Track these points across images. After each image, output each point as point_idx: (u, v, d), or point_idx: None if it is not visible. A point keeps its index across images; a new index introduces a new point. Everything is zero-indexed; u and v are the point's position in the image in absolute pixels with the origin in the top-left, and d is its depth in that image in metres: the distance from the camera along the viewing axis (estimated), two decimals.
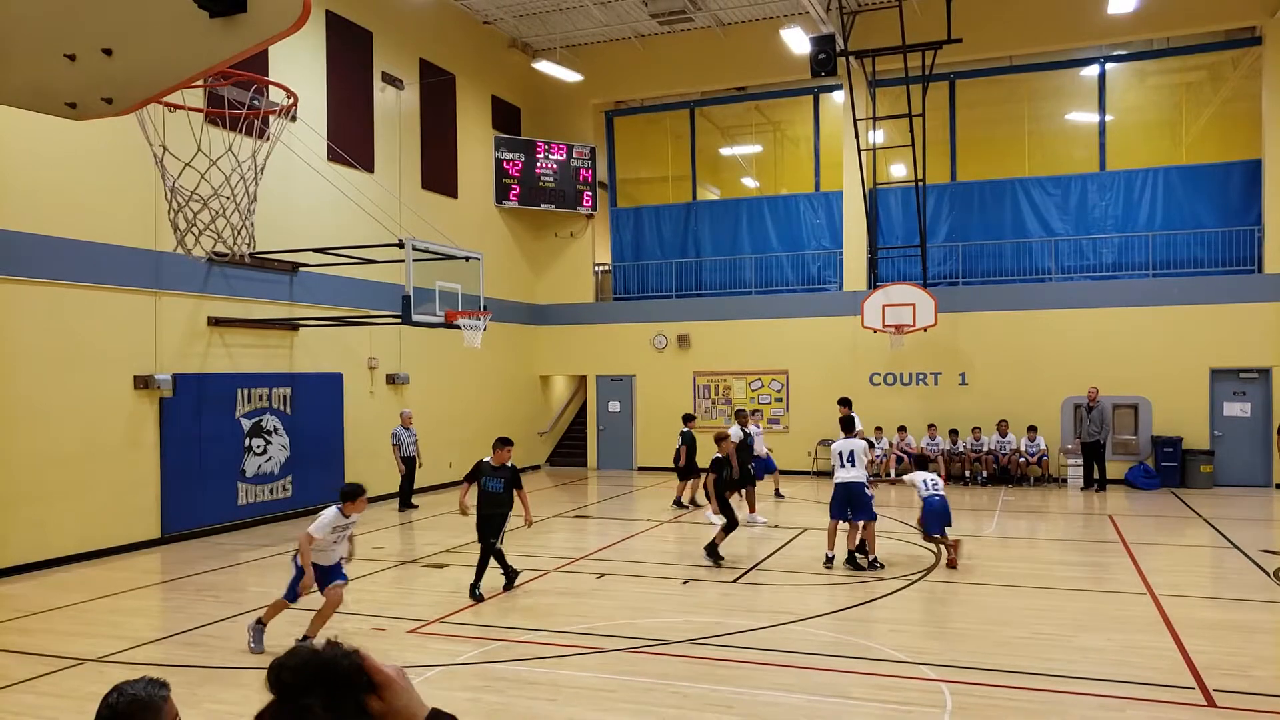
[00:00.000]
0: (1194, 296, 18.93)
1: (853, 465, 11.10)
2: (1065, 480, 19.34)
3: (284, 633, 8.26)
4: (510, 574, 10.29)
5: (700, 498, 16.20)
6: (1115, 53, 20.55)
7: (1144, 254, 19.91)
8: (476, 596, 9.79)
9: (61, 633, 8.80)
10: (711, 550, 11.59)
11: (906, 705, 6.60)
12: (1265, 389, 18.65)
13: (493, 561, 10.07)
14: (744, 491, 14.49)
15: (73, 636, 8.62)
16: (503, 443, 10.11)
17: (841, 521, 11.31)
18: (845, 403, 17.46)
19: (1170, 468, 18.69)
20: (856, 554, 11.31)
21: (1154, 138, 21.01)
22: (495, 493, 9.99)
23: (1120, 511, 15.70)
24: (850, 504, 11.07)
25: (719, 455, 12.14)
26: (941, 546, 11.44)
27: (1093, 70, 20.71)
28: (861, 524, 11.16)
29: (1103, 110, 20.61)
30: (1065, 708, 6.53)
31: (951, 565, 11.18)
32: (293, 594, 8.08)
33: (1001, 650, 7.87)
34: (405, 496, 16.66)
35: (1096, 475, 18.41)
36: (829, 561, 11.21)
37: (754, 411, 18.33)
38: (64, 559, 11.94)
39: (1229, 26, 19.50)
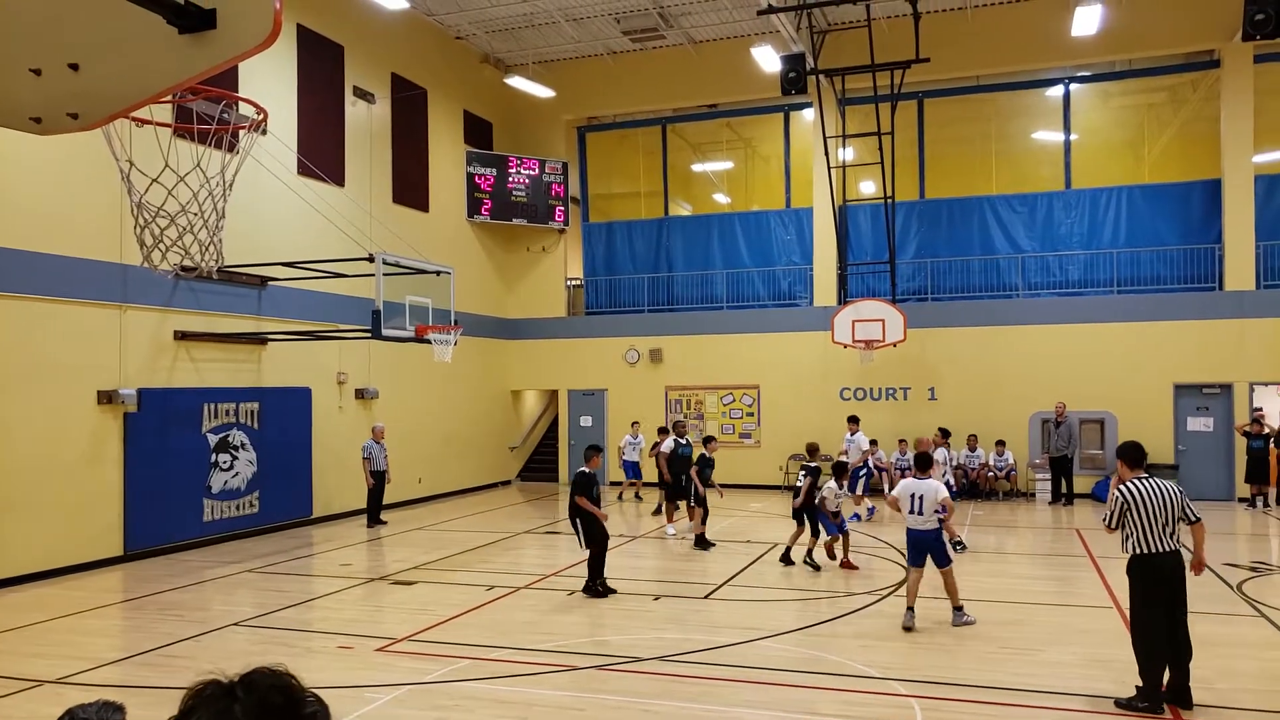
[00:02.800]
0: (1157, 313, 19.25)
1: (920, 513, 9.36)
2: (1034, 494, 19.53)
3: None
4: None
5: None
6: (1080, 74, 20.93)
7: (1109, 271, 20.23)
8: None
9: (19, 654, 8.62)
10: (700, 541, 13.38)
11: None
12: (1227, 404, 18.97)
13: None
14: (680, 503, 15.07)
15: (30, 658, 8.45)
16: (594, 450, 11.04)
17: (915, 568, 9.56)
18: (854, 420, 17.55)
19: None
20: (809, 559, 12.08)
21: (1117, 157, 21.38)
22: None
23: (1087, 525, 15.86)
24: (930, 552, 9.47)
25: (705, 454, 14.07)
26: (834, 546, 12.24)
27: (1058, 91, 21.07)
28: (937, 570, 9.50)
29: (1068, 130, 20.95)
30: None
31: (844, 564, 12.05)
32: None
33: (971, 664, 7.92)
34: (374, 512, 16.50)
35: (1064, 489, 18.62)
36: (909, 617, 9.24)
37: (677, 421, 16.60)
38: (23, 577, 11.71)
39: (1189, 50, 19.92)
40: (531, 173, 22.83)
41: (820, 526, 12.13)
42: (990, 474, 19.47)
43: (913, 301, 20.95)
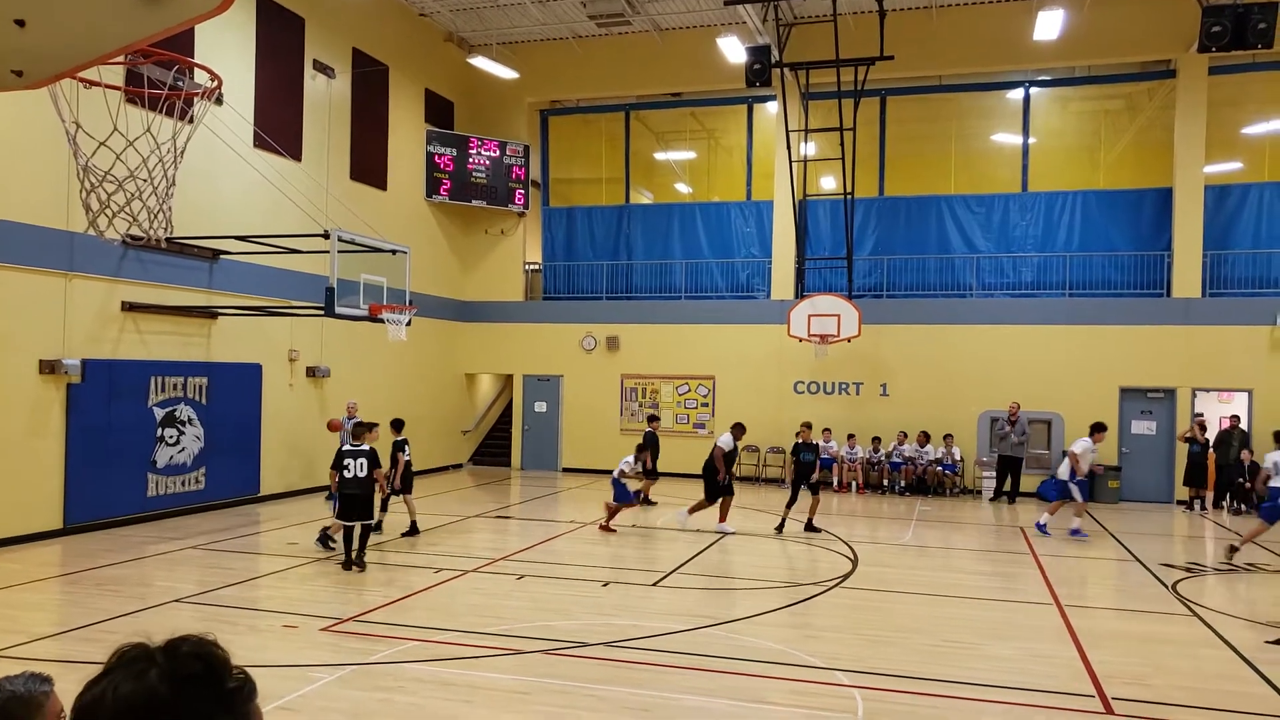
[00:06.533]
0: (1107, 317, 19.63)
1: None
2: (980, 491, 19.86)
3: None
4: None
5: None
6: (1040, 78, 21.22)
7: (1061, 274, 20.58)
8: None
9: None
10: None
11: (821, 711, 6.69)
12: (1170, 409, 19.42)
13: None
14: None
15: None
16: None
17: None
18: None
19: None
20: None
21: (1074, 162, 21.72)
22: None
23: (1031, 524, 16.16)
24: None
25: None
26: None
27: (1018, 94, 21.34)
28: None
29: (1026, 133, 21.25)
30: (973, 714, 6.69)
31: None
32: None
33: (914, 657, 8.03)
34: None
35: (1008, 488, 18.94)
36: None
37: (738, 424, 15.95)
38: None
39: (1145, 59, 20.28)
40: (492, 154, 22.64)
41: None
42: (940, 470, 19.75)
43: (868, 298, 21.14)
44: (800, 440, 14.74)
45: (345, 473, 11.06)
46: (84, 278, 13.12)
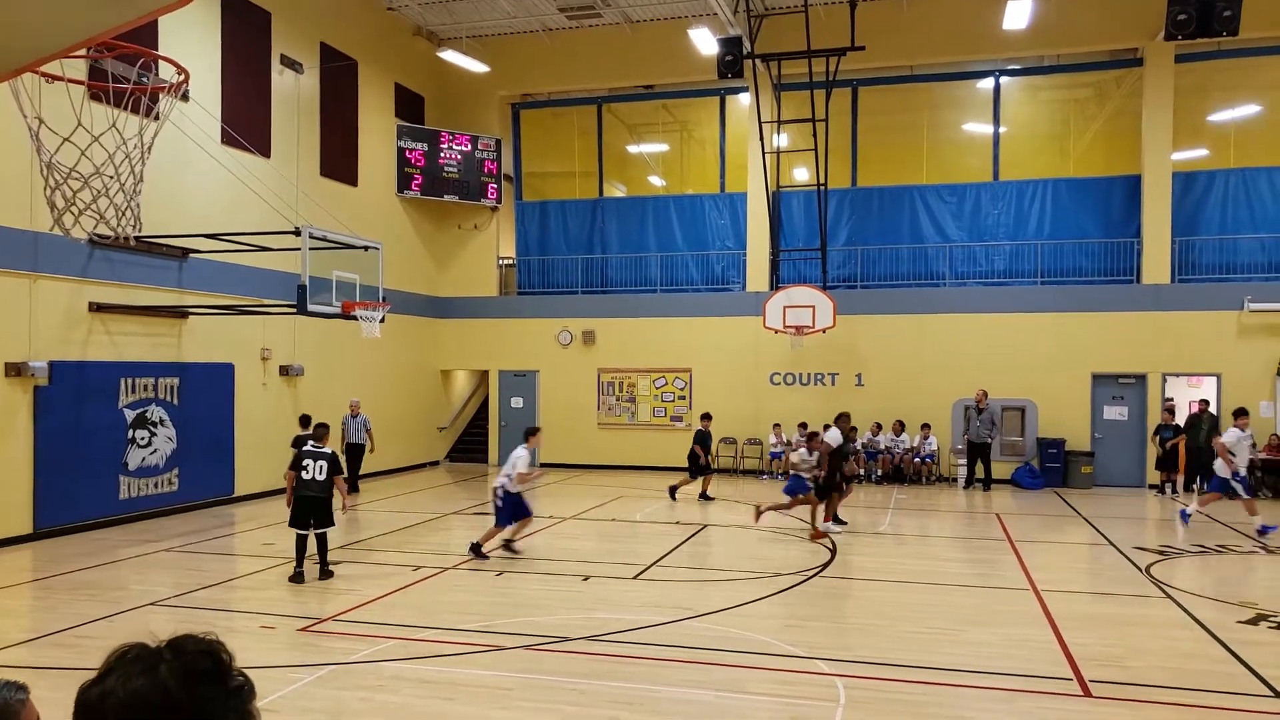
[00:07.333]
0: (1078, 304, 19.80)
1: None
2: (956, 479, 20.00)
3: None
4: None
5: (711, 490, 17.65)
6: (1009, 67, 21.34)
7: (1033, 262, 20.74)
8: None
9: None
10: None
11: (802, 699, 6.70)
12: (1141, 394, 19.64)
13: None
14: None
15: None
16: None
17: None
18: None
19: (1054, 468, 19.52)
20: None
21: (1044, 150, 21.89)
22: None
23: (1007, 510, 16.30)
24: None
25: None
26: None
27: (988, 83, 21.46)
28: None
29: (997, 122, 21.37)
30: (954, 700, 6.73)
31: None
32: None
33: (894, 645, 8.07)
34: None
35: (980, 475, 19.08)
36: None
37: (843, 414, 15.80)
38: None
39: (1113, 47, 20.46)
40: (464, 149, 22.49)
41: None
42: (916, 459, 19.87)
43: (843, 288, 21.21)
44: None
45: (304, 474, 10.46)
46: (50, 279, 12.89)
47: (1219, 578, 11.36)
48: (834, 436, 14.22)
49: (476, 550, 11.57)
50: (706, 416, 18.31)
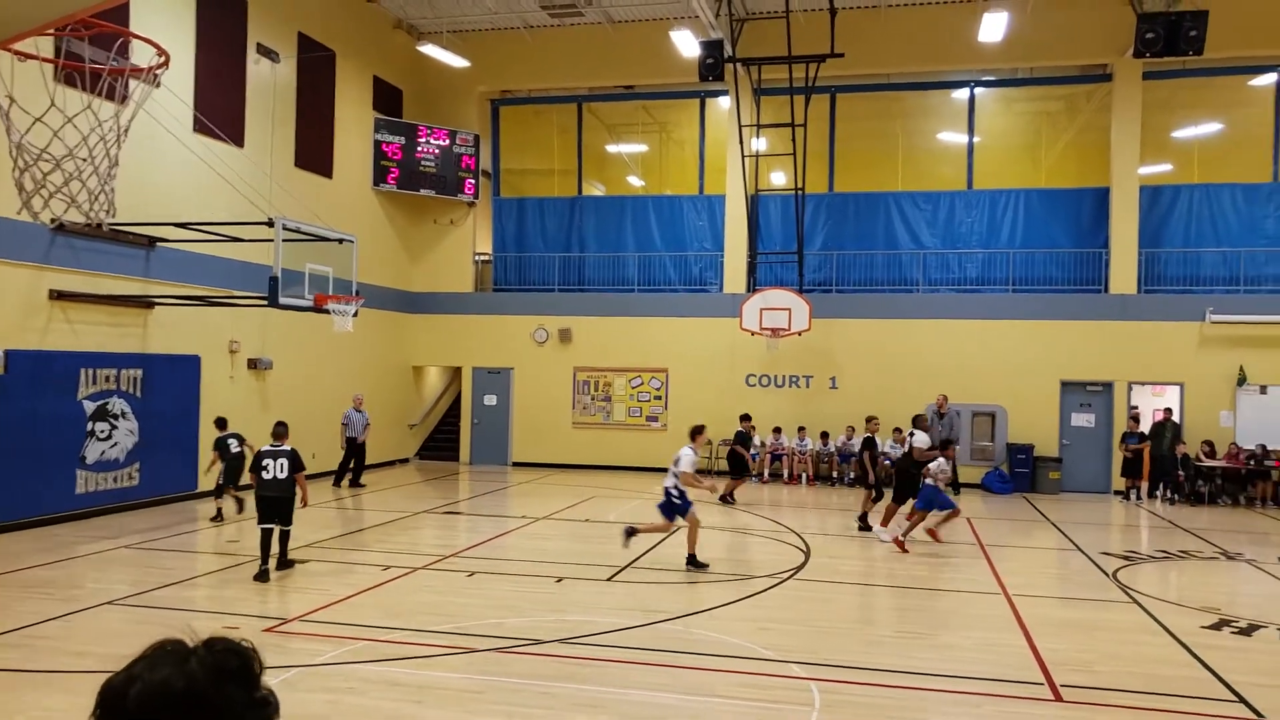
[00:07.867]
0: (1048, 312, 20.00)
1: None
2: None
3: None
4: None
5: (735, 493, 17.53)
6: (984, 78, 21.52)
7: (1005, 270, 20.92)
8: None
9: None
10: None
11: (776, 704, 6.65)
12: (1108, 402, 19.86)
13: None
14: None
15: None
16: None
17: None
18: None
19: (1023, 474, 19.68)
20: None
21: (1016, 161, 22.10)
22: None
23: (977, 515, 16.38)
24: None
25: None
26: None
27: (963, 93, 21.62)
28: None
29: (971, 132, 21.54)
30: (928, 704, 6.72)
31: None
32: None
33: (867, 649, 8.05)
34: (340, 474, 18.23)
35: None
36: None
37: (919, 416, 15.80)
38: None
39: (1084, 63, 20.72)
40: (441, 143, 22.30)
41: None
42: (888, 463, 19.89)
43: (818, 292, 21.26)
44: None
45: (264, 474, 10.22)
46: (7, 264, 12.57)
47: (1182, 583, 11.49)
48: (922, 440, 13.72)
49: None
50: (746, 417, 18.51)
